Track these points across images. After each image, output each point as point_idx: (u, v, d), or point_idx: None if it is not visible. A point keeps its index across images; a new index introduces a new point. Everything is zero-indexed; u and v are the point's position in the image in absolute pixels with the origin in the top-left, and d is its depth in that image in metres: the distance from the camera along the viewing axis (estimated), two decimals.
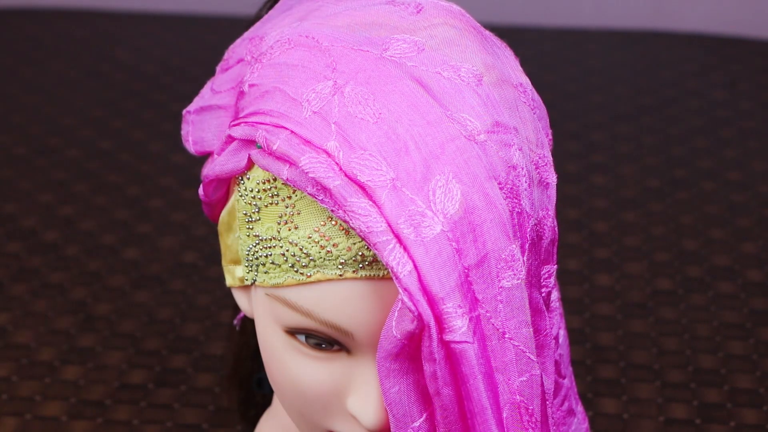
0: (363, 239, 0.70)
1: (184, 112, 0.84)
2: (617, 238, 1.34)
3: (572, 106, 1.59)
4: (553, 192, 0.77)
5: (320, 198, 0.71)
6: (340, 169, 0.70)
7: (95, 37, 1.76)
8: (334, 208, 0.70)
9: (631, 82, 1.64)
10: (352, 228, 0.70)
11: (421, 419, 0.73)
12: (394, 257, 0.69)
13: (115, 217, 1.37)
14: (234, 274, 0.81)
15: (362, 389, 0.75)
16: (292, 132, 0.72)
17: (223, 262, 0.83)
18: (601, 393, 1.12)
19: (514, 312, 0.72)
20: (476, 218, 0.70)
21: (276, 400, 0.92)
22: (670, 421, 1.09)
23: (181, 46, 1.73)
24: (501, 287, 0.71)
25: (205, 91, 0.84)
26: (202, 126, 0.83)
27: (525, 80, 0.77)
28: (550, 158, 0.77)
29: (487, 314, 0.71)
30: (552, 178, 0.77)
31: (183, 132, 0.84)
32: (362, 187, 0.70)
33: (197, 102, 0.84)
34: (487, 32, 0.78)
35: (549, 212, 0.76)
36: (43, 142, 1.51)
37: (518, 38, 1.74)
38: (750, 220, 1.37)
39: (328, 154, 0.70)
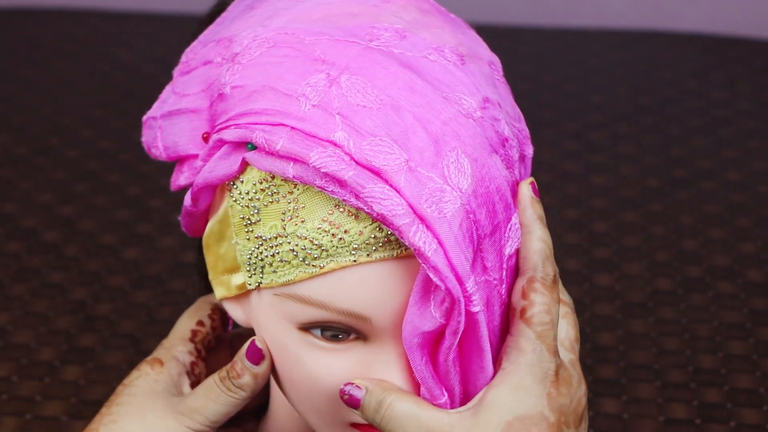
0: (385, 224, 0.70)
1: (145, 118, 0.82)
2: (617, 238, 1.34)
3: (572, 106, 1.59)
4: (529, 164, 0.80)
5: (330, 189, 0.71)
6: (351, 158, 0.70)
7: (95, 37, 1.76)
8: (346, 198, 0.70)
9: (631, 82, 1.64)
10: (371, 214, 0.70)
11: (445, 397, 0.74)
12: (419, 238, 0.69)
13: (115, 217, 1.37)
14: (230, 284, 0.79)
15: (383, 374, 0.75)
16: (292, 128, 0.72)
17: (212, 276, 0.81)
18: (601, 393, 1.12)
19: (513, 280, 0.75)
20: (485, 190, 0.72)
21: (273, 406, 0.91)
22: (670, 421, 1.09)
23: (181, 46, 1.73)
24: (504, 254, 0.74)
25: (166, 95, 0.83)
26: (173, 130, 0.81)
27: (494, 57, 0.79)
28: (527, 131, 0.79)
29: (494, 282, 0.73)
30: (529, 151, 0.80)
31: (147, 139, 0.82)
32: (377, 173, 0.70)
33: (160, 107, 0.82)
34: (451, 14, 0.80)
35: None
36: (43, 142, 1.51)
37: (518, 38, 1.74)
38: (750, 220, 1.37)
39: (336, 145, 0.71)
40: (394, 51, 0.73)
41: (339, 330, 0.74)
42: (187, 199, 0.79)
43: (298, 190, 0.73)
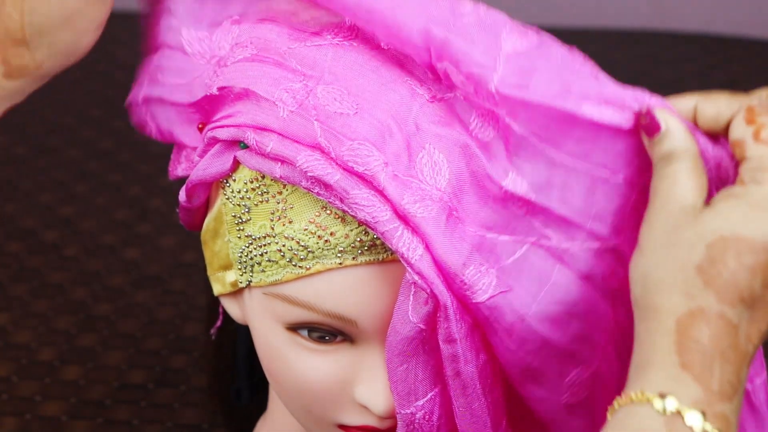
0: (371, 229, 0.70)
1: (128, 103, 0.84)
2: None
3: None
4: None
5: (315, 191, 0.71)
6: (336, 163, 0.70)
7: None
8: (331, 200, 0.70)
9: (631, 82, 1.64)
10: (357, 219, 0.70)
11: (425, 398, 0.73)
12: (403, 243, 0.69)
13: (115, 217, 1.37)
14: (224, 281, 0.80)
15: (369, 377, 0.75)
16: (279, 134, 0.72)
17: (210, 272, 0.81)
18: None
19: (571, 230, 0.71)
20: (467, 183, 0.71)
21: (272, 405, 0.91)
22: None
23: None
24: (534, 225, 0.71)
25: (144, 78, 0.85)
26: (164, 116, 0.84)
27: None
28: (511, 24, 0.77)
29: (544, 239, 0.71)
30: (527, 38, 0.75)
31: (138, 120, 0.84)
32: (360, 176, 0.70)
33: (140, 91, 0.85)
34: None
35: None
36: (43, 142, 1.51)
37: None
38: None
39: (322, 151, 0.71)
40: (354, 43, 0.73)
41: (326, 332, 0.74)
42: (182, 195, 0.79)
43: (287, 190, 0.73)
